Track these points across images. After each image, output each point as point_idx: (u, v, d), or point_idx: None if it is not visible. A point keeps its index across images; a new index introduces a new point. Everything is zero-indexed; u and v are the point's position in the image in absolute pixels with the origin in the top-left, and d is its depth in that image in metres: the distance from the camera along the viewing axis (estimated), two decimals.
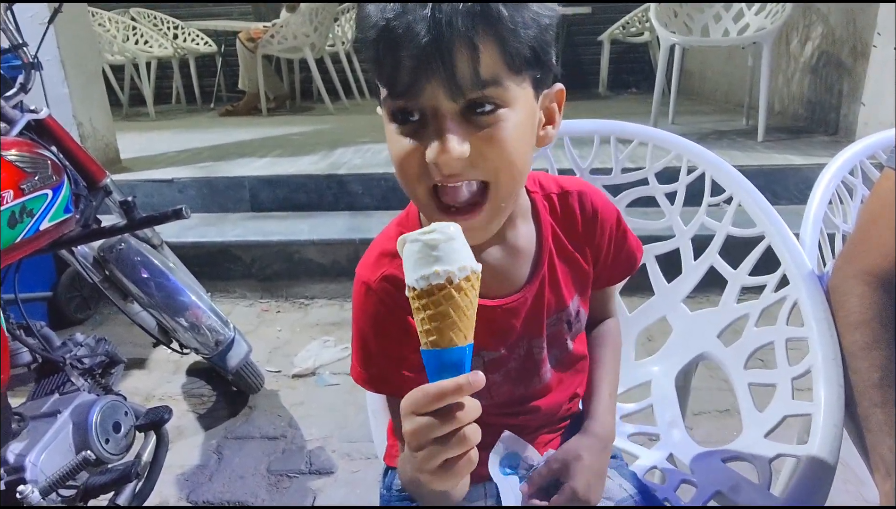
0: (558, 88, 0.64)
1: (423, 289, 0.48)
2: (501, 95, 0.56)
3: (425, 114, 0.56)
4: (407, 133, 0.57)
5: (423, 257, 0.48)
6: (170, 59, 5.39)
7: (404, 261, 0.50)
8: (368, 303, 0.67)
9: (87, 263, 1.50)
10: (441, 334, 0.48)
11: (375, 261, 0.68)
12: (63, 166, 1.24)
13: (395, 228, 0.71)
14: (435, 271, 0.48)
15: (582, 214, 0.74)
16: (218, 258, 2.60)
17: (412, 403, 0.48)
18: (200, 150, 3.54)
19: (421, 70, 0.53)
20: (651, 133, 1.09)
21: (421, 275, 0.48)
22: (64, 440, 1.10)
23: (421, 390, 0.48)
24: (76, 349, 1.30)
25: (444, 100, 0.54)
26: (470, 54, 0.52)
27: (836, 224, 1.01)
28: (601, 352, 0.84)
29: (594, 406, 0.79)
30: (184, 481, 1.56)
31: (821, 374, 0.81)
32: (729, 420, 1.69)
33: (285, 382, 1.99)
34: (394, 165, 0.60)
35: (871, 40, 2.91)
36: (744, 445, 0.88)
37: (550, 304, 0.73)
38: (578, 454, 0.72)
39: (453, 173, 0.56)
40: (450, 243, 0.49)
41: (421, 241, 0.49)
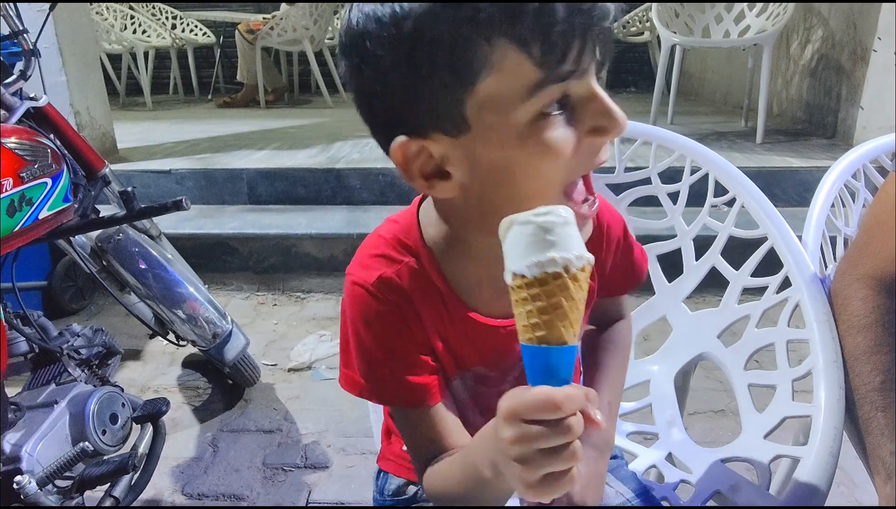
0: None
1: (536, 276, 0.43)
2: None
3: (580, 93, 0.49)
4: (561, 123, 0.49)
5: (536, 241, 0.43)
6: (168, 49, 5.36)
7: (509, 245, 0.45)
8: (368, 307, 0.62)
9: (84, 253, 1.49)
10: (551, 329, 0.43)
11: (371, 262, 0.63)
12: (62, 155, 1.23)
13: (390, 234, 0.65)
14: (551, 257, 0.42)
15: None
16: (215, 250, 2.60)
17: (523, 407, 0.44)
18: (198, 142, 3.52)
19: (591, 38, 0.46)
20: (655, 132, 1.09)
21: (533, 261, 0.43)
22: (61, 430, 1.10)
23: (534, 395, 0.43)
24: (73, 339, 1.29)
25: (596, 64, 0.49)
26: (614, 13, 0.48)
27: (839, 227, 1.01)
28: (605, 357, 0.80)
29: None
30: (179, 473, 1.56)
31: (821, 376, 0.81)
32: (724, 420, 1.70)
33: (281, 376, 1.98)
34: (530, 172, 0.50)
35: (872, 44, 2.92)
36: (743, 446, 0.88)
37: None
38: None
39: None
40: (565, 228, 0.44)
41: (534, 223, 0.43)
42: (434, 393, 0.64)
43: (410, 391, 0.63)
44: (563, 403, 0.42)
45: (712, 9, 3.51)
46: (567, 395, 0.42)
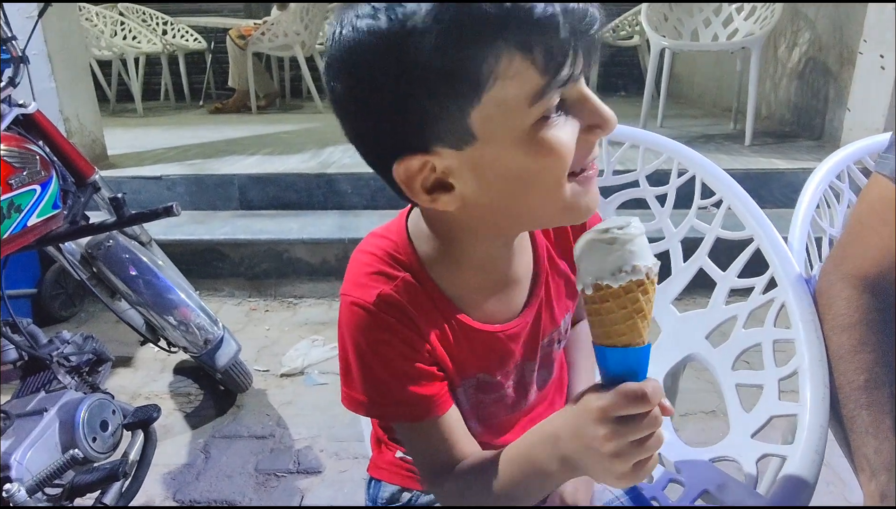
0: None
1: (623, 285, 0.47)
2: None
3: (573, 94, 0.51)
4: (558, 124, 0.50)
5: (617, 251, 0.47)
6: (158, 55, 5.35)
7: (588, 255, 0.48)
8: (368, 325, 0.60)
9: (74, 260, 1.49)
10: (634, 331, 0.47)
11: (368, 280, 0.61)
12: (51, 161, 1.23)
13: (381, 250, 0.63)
14: (636, 267, 0.46)
15: (573, 229, 0.71)
16: (207, 256, 2.59)
17: (613, 405, 0.47)
18: (189, 148, 3.51)
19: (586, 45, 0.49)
20: (642, 135, 1.10)
21: (619, 270, 0.46)
22: (50, 438, 1.09)
23: (620, 395, 0.47)
24: (63, 346, 1.29)
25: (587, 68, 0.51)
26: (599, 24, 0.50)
27: (824, 228, 1.02)
28: (577, 354, 0.83)
29: None
30: (170, 480, 1.55)
31: (807, 376, 0.82)
32: (715, 421, 1.71)
33: (273, 381, 1.98)
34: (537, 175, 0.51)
35: (858, 47, 2.95)
36: (731, 445, 0.89)
37: (546, 326, 0.71)
38: None
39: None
40: (641, 239, 0.48)
41: (616, 237, 0.47)
42: (442, 402, 0.64)
43: (417, 405, 0.62)
44: (651, 397, 0.46)
45: (701, 12, 3.55)
46: (654, 389, 0.47)
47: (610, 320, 0.48)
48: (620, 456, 0.48)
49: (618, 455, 0.48)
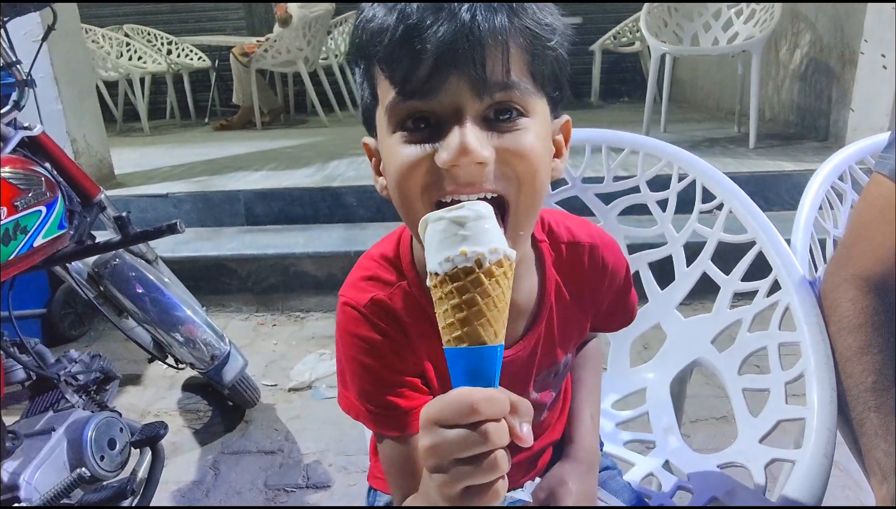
0: (565, 119, 0.60)
1: (448, 273, 0.41)
2: (527, 103, 0.52)
3: (441, 118, 0.50)
4: (417, 140, 0.51)
5: (449, 237, 0.42)
6: (163, 74, 5.41)
7: (426, 244, 0.44)
8: (360, 329, 0.61)
9: (81, 279, 1.50)
10: (468, 327, 0.41)
11: (364, 284, 0.63)
12: (57, 182, 1.24)
13: (382, 257, 0.65)
14: (461, 252, 0.41)
15: (590, 269, 0.68)
16: (213, 272, 2.60)
17: (438, 411, 0.40)
18: (195, 165, 3.54)
19: (446, 62, 0.48)
20: (642, 141, 1.10)
21: (445, 257, 0.41)
22: (59, 457, 1.09)
23: (451, 397, 0.40)
24: (70, 366, 1.30)
25: (468, 98, 0.49)
26: (503, 50, 0.49)
27: (827, 229, 1.02)
28: (583, 372, 0.81)
29: (576, 429, 0.77)
30: (180, 497, 1.55)
31: (813, 378, 0.81)
32: (726, 426, 1.69)
33: (282, 396, 1.98)
34: (391, 181, 0.53)
35: (859, 47, 2.94)
36: (739, 450, 0.88)
37: (542, 364, 0.68)
38: (563, 479, 0.71)
39: (471, 181, 0.49)
40: (479, 222, 0.42)
41: (446, 219, 0.42)
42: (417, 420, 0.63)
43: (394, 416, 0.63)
44: (479, 405, 0.39)
45: (700, 17, 3.55)
46: (486, 397, 0.40)
47: (443, 314, 0.42)
48: (443, 473, 0.41)
49: (441, 471, 0.41)
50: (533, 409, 0.71)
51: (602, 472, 0.79)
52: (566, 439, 0.78)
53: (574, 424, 0.78)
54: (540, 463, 0.78)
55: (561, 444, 0.78)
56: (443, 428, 0.40)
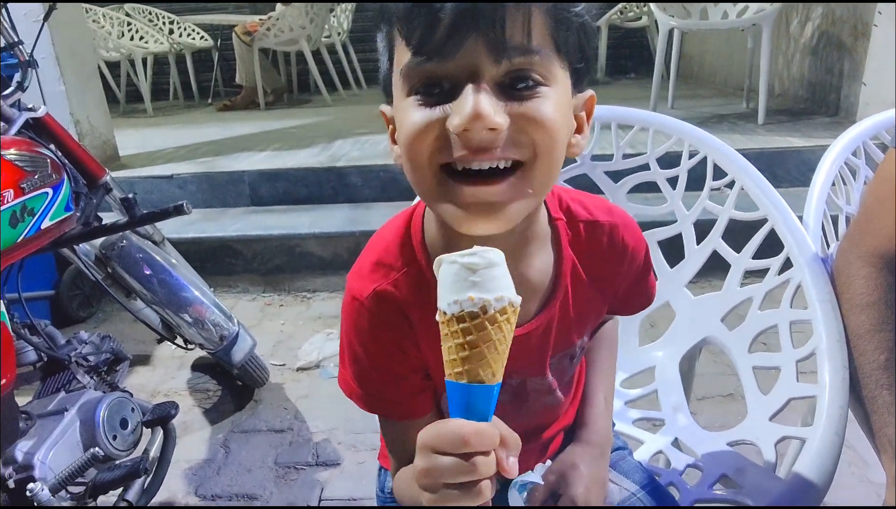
0: (589, 95, 0.57)
1: (455, 314, 0.44)
2: (546, 70, 0.49)
3: (458, 81, 0.48)
4: (428, 104, 0.50)
5: (459, 280, 0.45)
6: (166, 54, 5.37)
7: (439, 283, 0.46)
8: (362, 319, 0.62)
9: (89, 261, 1.50)
10: (468, 367, 0.45)
11: (369, 272, 0.62)
12: (62, 164, 1.23)
13: (395, 234, 0.64)
14: (469, 297, 0.44)
15: (610, 251, 0.66)
16: (219, 253, 2.60)
17: (433, 439, 0.44)
18: (199, 146, 3.53)
19: (464, 22, 0.46)
20: (652, 118, 1.08)
21: (454, 300, 0.44)
22: (71, 437, 1.11)
23: (446, 428, 0.44)
24: (81, 347, 1.30)
25: (486, 61, 0.47)
26: (523, 13, 0.47)
27: (840, 206, 1.00)
28: (597, 354, 0.80)
29: (589, 412, 0.77)
30: (192, 475, 1.57)
31: (825, 356, 0.81)
32: (733, 404, 1.69)
33: (290, 375, 1.99)
34: (402, 145, 0.52)
35: (872, 19, 2.88)
36: (748, 428, 0.88)
37: (556, 345, 0.67)
38: (574, 463, 0.71)
39: (483, 146, 0.48)
40: (490, 269, 0.45)
41: (459, 264, 0.45)
42: (417, 407, 0.65)
43: (393, 403, 0.64)
44: (471, 438, 0.43)
45: None
46: (477, 431, 0.43)
47: (447, 350, 0.46)
48: (434, 494, 0.45)
49: (431, 491, 0.45)
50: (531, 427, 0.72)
51: (613, 453, 0.79)
52: (578, 422, 0.77)
53: (587, 407, 0.77)
54: (552, 446, 0.78)
55: (573, 428, 0.78)
56: (436, 454, 0.44)
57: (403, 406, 0.64)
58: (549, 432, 0.76)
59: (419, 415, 0.65)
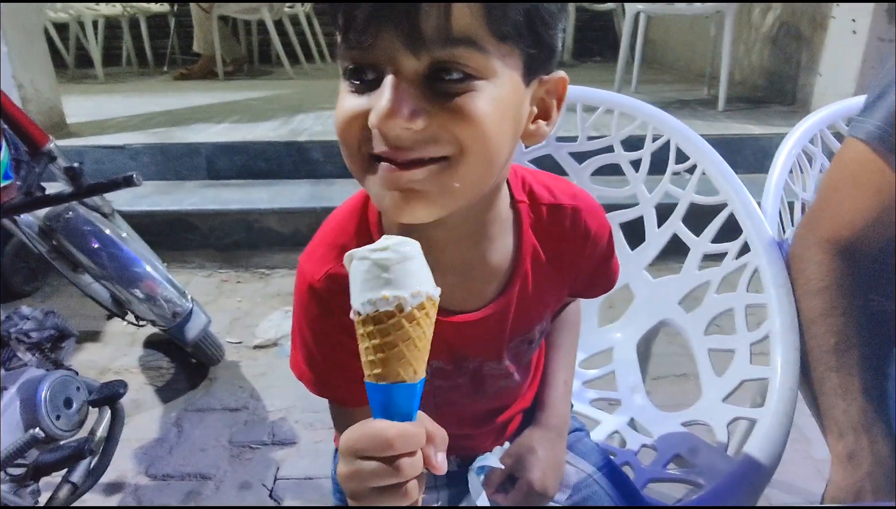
0: (559, 77, 0.53)
1: (370, 314, 0.42)
2: (478, 62, 0.45)
3: (381, 71, 0.46)
4: (358, 91, 0.48)
5: (372, 278, 0.42)
6: (118, 17, 5.12)
7: (351, 280, 0.43)
8: (311, 303, 0.61)
9: (32, 233, 1.43)
10: (388, 367, 0.43)
11: (322, 254, 0.60)
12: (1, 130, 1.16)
13: (349, 213, 0.62)
14: (383, 296, 0.41)
15: (572, 235, 0.65)
16: (174, 227, 2.52)
17: (356, 442, 0.42)
18: (153, 115, 3.39)
19: (379, 13, 0.44)
20: (617, 99, 1.08)
21: (367, 300, 0.42)
22: (11, 417, 1.06)
23: (369, 431, 0.42)
24: (22, 322, 1.24)
25: (402, 54, 0.45)
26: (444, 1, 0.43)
27: (797, 192, 1.02)
28: (559, 336, 0.80)
29: (548, 395, 0.76)
30: (142, 455, 1.53)
31: (778, 339, 0.83)
32: (686, 384, 1.74)
33: (246, 353, 1.95)
34: (336, 126, 0.51)
35: (830, 11, 2.95)
36: (702, 409, 0.90)
37: (514, 329, 0.66)
38: (531, 446, 0.71)
39: (400, 145, 0.46)
40: (404, 264, 0.42)
41: (370, 260, 0.42)
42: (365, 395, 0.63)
43: (341, 390, 0.63)
44: (394, 440, 0.41)
45: None
46: (401, 432, 0.42)
47: (364, 350, 0.44)
48: (360, 500, 0.43)
49: (356, 497, 0.43)
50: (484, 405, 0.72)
51: (570, 434, 0.80)
52: (538, 404, 0.77)
53: (546, 389, 0.77)
54: (509, 429, 0.78)
55: (532, 411, 0.78)
56: (359, 459, 0.42)
57: (348, 392, 0.63)
58: (506, 414, 0.75)
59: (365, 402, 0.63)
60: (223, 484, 1.44)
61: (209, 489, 1.43)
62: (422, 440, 0.43)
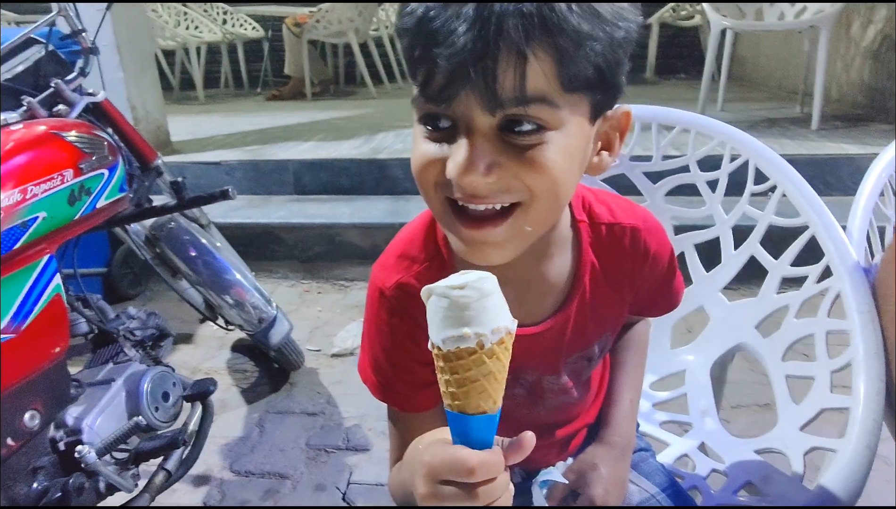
0: (623, 112, 0.56)
1: (451, 351, 0.43)
2: (548, 116, 0.48)
3: (456, 124, 0.49)
4: (434, 138, 0.51)
5: (452, 315, 0.43)
6: (219, 43, 5.52)
7: (429, 314, 0.44)
8: (381, 309, 0.64)
9: (139, 241, 1.57)
10: (468, 399, 0.44)
11: (394, 264, 0.64)
12: (118, 147, 1.29)
13: (420, 227, 0.65)
14: (464, 333, 0.42)
15: (632, 253, 0.66)
16: (262, 239, 2.68)
17: (438, 467, 0.44)
18: (247, 134, 3.62)
19: (456, 74, 0.46)
20: (693, 119, 1.07)
21: (448, 336, 0.43)
22: (118, 406, 1.17)
23: (452, 457, 0.44)
24: (129, 322, 1.37)
25: (478, 112, 0.47)
26: (516, 64, 0.45)
27: (888, 215, 0.97)
28: (626, 355, 0.80)
29: (612, 413, 0.77)
30: (227, 451, 1.63)
31: (861, 368, 0.79)
32: (768, 414, 1.66)
33: (325, 361, 2.04)
34: (412, 168, 0.54)
35: None
36: (778, 437, 0.87)
37: (572, 345, 0.67)
38: (594, 463, 0.71)
39: (475, 194, 0.50)
40: (482, 301, 0.43)
41: (450, 298, 0.42)
42: (425, 401, 0.66)
43: (401, 395, 0.66)
44: (476, 469, 0.43)
45: None
46: (482, 461, 0.43)
47: (444, 382, 0.45)
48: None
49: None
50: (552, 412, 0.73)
51: (634, 454, 0.79)
52: (602, 422, 0.77)
53: (611, 407, 0.77)
54: (572, 445, 0.79)
55: (596, 427, 0.78)
56: (440, 482, 0.45)
57: (409, 398, 0.66)
58: (568, 429, 0.76)
59: (423, 409, 0.67)
60: (300, 484, 1.52)
61: (287, 488, 1.51)
62: (501, 468, 0.44)
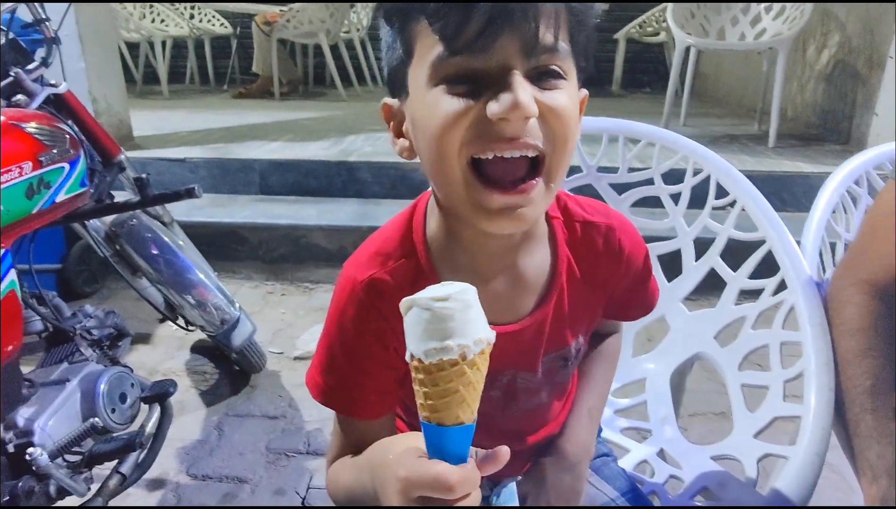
0: (584, 94, 0.59)
1: (433, 363, 0.43)
2: (566, 67, 0.53)
3: (489, 74, 0.50)
4: (460, 93, 0.51)
5: (435, 328, 0.43)
6: (185, 38, 5.41)
7: (407, 326, 0.44)
8: (349, 305, 0.62)
9: (98, 237, 1.53)
10: (448, 410, 0.44)
11: (367, 260, 0.63)
12: (80, 141, 1.26)
13: (397, 226, 0.65)
14: (447, 346, 0.42)
15: (606, 251, 0.67)
16: (226, 239, 2.63)
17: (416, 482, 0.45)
18: (212, 131, 3.56)
19: (499, 20, 0.48)
20: (659, 134, 1.10)
21: (431, 348, 0.43)
22: (72, 407, 1.13)
23: (427, 473, 0.44)
24: (86, 320, 1.33)
25: (518, 57, 0.50)
26: (554, 12, 0.50)
27: (839, 232, 1.02)
28: (592, 365, 0.80)
29: (569, 421, 0.76)
30: (185, 454, 1.59)
31: (812, 378, 0.83)
32: (724, 422, 1.71)
33: (287, 364, 2.02)
34: (427, 136, 0.53)
35: (889, 51, 2.90)
36: (733, 444, 0.90)
37: (550, 343, 0.67)
38: (542, 475, 0.71)
39: (515, 135, 0.50)
40: (466, 312, 0.43)
41: (432, 310, 0.42)
42: (379, 409, 0.65)
43: (356, 402, 0.64)
44: (456, 486, 0.43)
45: (728, 10, 3.49)
46: (462, 477, 0.44)
47: (423, 394, 0.44)
48: None
49: None
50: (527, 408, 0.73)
51: (597, 459, 0.81)
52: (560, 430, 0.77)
53: (570, 416, 0.77)
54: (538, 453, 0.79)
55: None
56: (419, 497, 0.45)
57: (361, 403, 0.64)
58: (536, 437, 0.76)
59: (371, 416, 0.65)
60: (259, 488, 1.49)
61: (245, 492, 1.48)
62: (478, 483, 0.45)
